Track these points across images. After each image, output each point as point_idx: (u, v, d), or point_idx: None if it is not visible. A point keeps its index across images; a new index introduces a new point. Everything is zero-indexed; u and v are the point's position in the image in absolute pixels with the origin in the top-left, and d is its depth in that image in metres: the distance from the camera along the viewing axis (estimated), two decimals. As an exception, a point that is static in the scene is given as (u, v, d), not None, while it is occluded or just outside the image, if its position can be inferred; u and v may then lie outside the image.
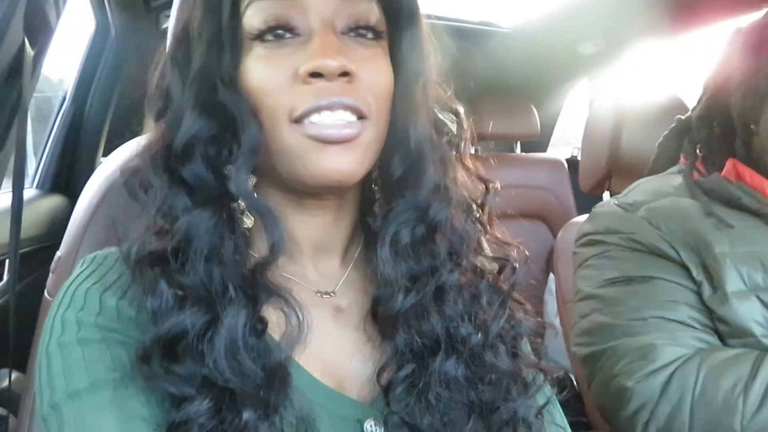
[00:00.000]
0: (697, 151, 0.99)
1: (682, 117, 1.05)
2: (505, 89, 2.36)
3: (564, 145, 2.83)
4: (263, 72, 0.51)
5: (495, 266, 0.60)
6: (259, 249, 0.52)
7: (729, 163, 0.93)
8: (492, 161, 0.66)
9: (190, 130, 0.50)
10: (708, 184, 0.93)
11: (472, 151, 0.60)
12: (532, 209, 2.22)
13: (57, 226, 1.47)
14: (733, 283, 0.84)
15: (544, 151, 2.68)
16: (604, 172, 1.51)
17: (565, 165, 2.34)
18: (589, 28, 2.02)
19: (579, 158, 2.63)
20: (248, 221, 0.52)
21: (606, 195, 1.59)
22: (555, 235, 2.24)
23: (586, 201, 1.81)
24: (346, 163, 0.50)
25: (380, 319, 0.55)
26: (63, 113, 1.71)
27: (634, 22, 1.84)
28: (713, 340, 0.86)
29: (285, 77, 0.51)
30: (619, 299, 0.90)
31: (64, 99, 1.73)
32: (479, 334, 0.55)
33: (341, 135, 0.50)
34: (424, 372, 0.53)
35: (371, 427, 0.53)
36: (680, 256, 0.88)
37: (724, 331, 0.85)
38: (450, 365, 0.53)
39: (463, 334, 0.54)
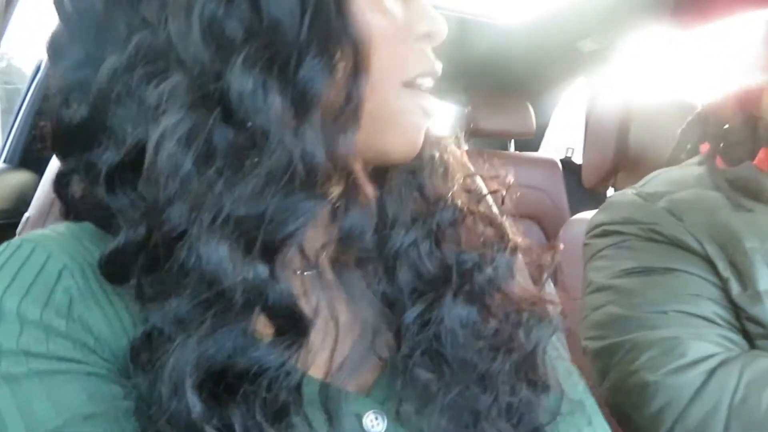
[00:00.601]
0: (719, 143, 0.94)
1: (704, 105, 0.99)
2: (501, 85, 2.30)
3: (551, 148, 2.78)
4: (375, 16, 0.43)
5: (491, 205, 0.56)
6: None
7: (762, 153, 0.87)
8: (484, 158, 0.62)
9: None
10: (736, 174, 0.87)
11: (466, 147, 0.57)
12: (525, 209, 2.12)
13: (24, 201, 1.37)
14: (765, 281, 0.78)
15: (536, 150, 2.62)
16: (610, 167, 1.46)
17: (560, 165, 2.29)
18: (590, 24, 1.97)
19: (573, 159, 2.61)
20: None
21: (610, 191, 1.53)
22: (548, 236, 2.22)
23: (579, 204, 1.79)
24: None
25: (381, 262, 0.49)
26: (34, 87, 1.61)
27: (636, 18, 1.79)
28: (739, 339, 0.79)
29: (396, 29, 0.44)
30: (636, 290, 0.84)
31: (36, 71, 1.63)
32: (486, 269, 0.50)
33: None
34: (435, 311, 0.48)
35: (372, 422, 0.45)
36: (705, 250, 0.82)
37: (755, 332, 0.78)
38: (460, 304, 0.48)
39: (468, 268, 0.49)
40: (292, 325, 0.40)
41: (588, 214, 1.27)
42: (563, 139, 2.62)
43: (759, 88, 0.88)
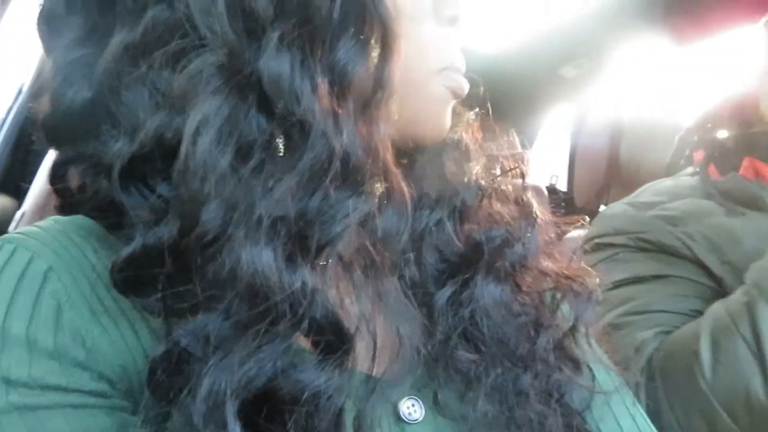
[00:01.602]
0: (714, 151, 0.95)
1: (700, 114, 1.01)
2: (485, 112, 2.32)
3: (535, 174, 2.79)
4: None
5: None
6: None
7: (746, 162, 0.90)
8: None
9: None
10: (726, 185, 0.89)
11: None
12: (512, 234, 2.14)
13: (3, 227, 1.32)
14: None
15: (519, 178, 2.63)
16: (602, 184, 1.46)
17: (545, 192, 2.29)
18: (571, 50, 2.00)
19: (557, 185, 2.63)
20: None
21: (602, 209, 1.53)
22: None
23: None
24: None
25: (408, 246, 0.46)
26: (14, 112, 1.58)
27: (617, 41, 1.83)
28: None
29: (423, 10, 0.43)
30: (629, 298, 0.85)
31: (17, 95, 1.60)
32: (516, 246, 0.48)
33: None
34: (467, 291, 0.45)
35: (408, 408, 0.42)
36: (694, 253, 0.84)
37: None
38: (492, 282, 0.46)
39: (497, 245, 0.47)
40: (339, 342, 0.36)
41: (577, 233, 1.27)
42: (547, 165, 2.64)
43: (754, 95, 0.90)
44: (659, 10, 1.60)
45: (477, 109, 0.53)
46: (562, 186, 2.70)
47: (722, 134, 0.95)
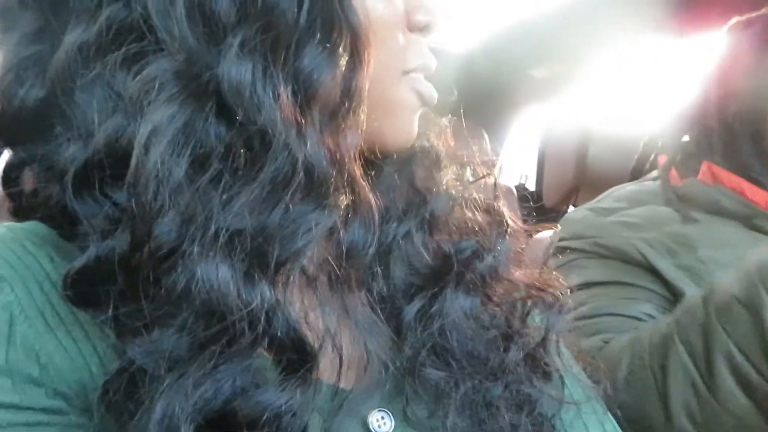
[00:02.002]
0: (676, 155, 0.96)
1: (663, 119, 1.03)
2: (456, 112, 2.33)
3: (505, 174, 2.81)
4: (376, 3, 0.40)
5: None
6: None
7: (704, 166, 0.92)
8: None
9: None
10: (684, 189, 0.91)
11: None
12: (481, 234, 2.16)
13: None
14: None
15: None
16: (570, 186, 1.48)
17: (515, 192, 2.31)
18: (543, 51, 2.02)
19: (526, 185, 2.66)
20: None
21: (571, 209, 1.55)
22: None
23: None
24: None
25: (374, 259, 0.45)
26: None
27: (590, 44, 1.84)
28: None
29: (396, 17, 0.41)
30: (580, 302, 0.87)
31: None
32: (487, 258, 0.47)
33: None
34: (437, 305, 0.44)
35: (378, 421, 0.41)
36: (647, 259, 0.85)
37: None
38: (462, 295, 0.45)
39: (467, 257, 0.46)
40: (302, 359, 0.34)
41: (544, 235, 1.29)
42: (516, 165, 2.67)
43: (715, 100, 0.92)
44: (631, 14, 1.62)
45: (450, 116, 0.52)
46: (531, 186, 2.73)
47: (685, 139, 0.97)
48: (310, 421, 0.35)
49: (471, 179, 0.53)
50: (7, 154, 0.43)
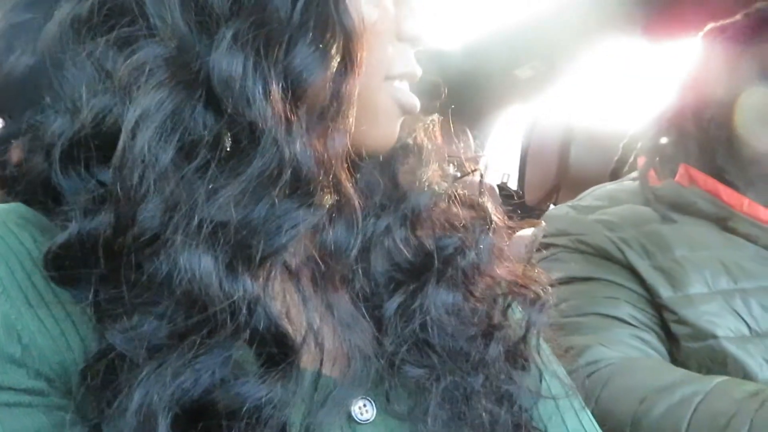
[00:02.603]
0: (654, 157, 0.99)
1: (642, 121, 1.05)
2: (440, 110, 2.33)
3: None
4: (370, 9, 0.40)
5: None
6: None
7: (681, 168, 0.94)
8: None
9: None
10: (662, 191, 0.93)
11: None
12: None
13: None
14: (695, 285, 0.84)
15: (474, 176, 2.66)
16: (552, 185, 1.49)
17: (497, 190, 2.32)
18: (527, 51, 2.03)
19: (509, 184, 2.67)
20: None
21: (551, 208, 1.57)
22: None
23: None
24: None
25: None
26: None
27: (574, 44, 1.86)
28: (651, 338, 0.85)
29: (387, 25, 0.42)
30: (563, 298, 0.87)
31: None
32: (469, 254, 0.47)
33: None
34: (418, 301, 0.44)
35: (360, 409, 0.41)
36: (627, 258, 0.87)
37: (683, 333, 0.83)
38: (443, 290, 0.45)
39: (449, 254, 0.46)
40: (283, 354, 0.35)
41: (526, 232, 1.30)
42: (499, 164, 2.68)
43: (692, 104, 0.93)
44: (616, 16, 1.64)
45: (437, 115, 0.53)
46: (513, 185, 2.75)
47: (663, 141, 0.98)
48: (293, 411, 0.36)
49: (457, 175, 0.53)
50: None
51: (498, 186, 2.38)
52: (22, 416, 0.33)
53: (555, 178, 1.48)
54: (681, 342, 0.83)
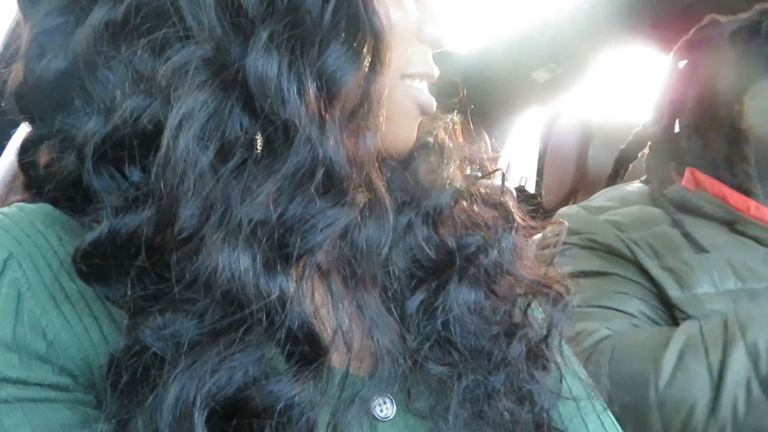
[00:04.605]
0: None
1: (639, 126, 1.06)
2: (458, 112, 2.33)
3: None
4: (395, 11, 0.40)
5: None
6: None
7: (687, 172, 0.94)
8: None
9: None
10: (669, 196, 0.94)
11: None
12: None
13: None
14: (703, 286, 0.85)
15: (491, 179, 2.66)
16: (569, 188, 1.49)
17: (514, 193, 2.31)
18: (544, 54, 2.03)
19: (526, 187, 2.66)
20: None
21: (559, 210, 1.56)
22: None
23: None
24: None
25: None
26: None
27: (590, 46, 1.86)
28: None
29: (410, 27, 0.42)
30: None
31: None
32: (491, 253, 0.47)
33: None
34: (440, 298, 0.44)
35: (380, 406, 0.42)
36: (636, 257, 0.88)
37: None
38: (465, 289, 0.45)
39: (472, 252, 0.46)
40: (314, 353, 0.35)
41: (540, 235, 1.30)
42: (516, 167, 2.67)
43: (698, 104, 0.93)
44: (632, 17, 1.63)
45: (458, 113, 0.53)
46: (531, 188, 2.74)
47: (668, 142, 0.99)
48: (321, 410, 0.36)
49: (479, 174, 0.53)
50: (24, 129, 0.43)
51: (515, 189, 2.38)
52: (48, 412, 0.33)
53: (573, 182, 1.48)
54: None
